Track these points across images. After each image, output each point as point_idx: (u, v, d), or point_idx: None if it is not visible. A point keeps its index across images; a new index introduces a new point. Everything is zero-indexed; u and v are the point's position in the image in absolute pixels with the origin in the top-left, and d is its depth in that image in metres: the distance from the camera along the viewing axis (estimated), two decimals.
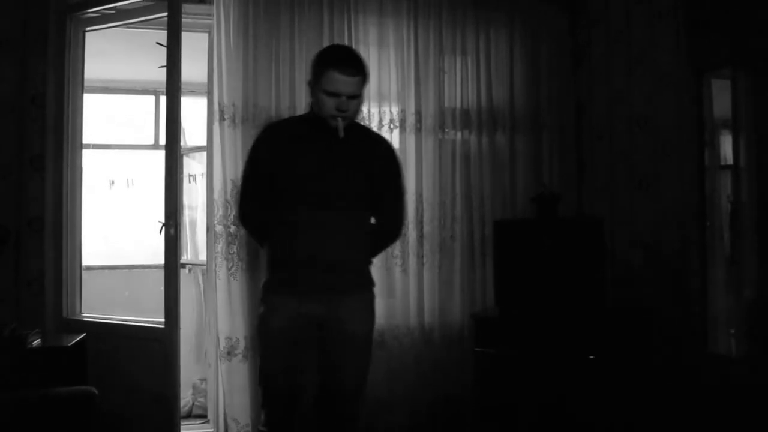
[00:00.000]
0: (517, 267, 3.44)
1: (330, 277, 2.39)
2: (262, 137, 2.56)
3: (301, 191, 2.40)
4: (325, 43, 3.54)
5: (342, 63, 2.33)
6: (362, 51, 3.59)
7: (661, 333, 3.26)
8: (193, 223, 4.78)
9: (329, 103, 2.33)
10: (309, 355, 2.46)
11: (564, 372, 3.11)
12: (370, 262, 2.58)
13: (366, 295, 2.53)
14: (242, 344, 3.37)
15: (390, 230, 2.70)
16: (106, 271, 5.09)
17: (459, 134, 3.83)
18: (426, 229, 3.68)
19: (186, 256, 4.61)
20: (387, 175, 2.57)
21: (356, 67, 2.34)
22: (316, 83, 2.37)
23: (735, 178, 3.01)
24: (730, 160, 3.05)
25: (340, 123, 2.34)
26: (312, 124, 2.45)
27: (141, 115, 5.42)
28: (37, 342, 2.92)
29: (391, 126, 3.68)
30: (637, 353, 3.25)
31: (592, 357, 3.07)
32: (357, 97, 2.37)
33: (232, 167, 3.38)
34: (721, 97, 3.06)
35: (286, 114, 3.45)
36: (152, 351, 3.19)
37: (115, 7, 3.45)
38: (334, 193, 2.40)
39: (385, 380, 3.47)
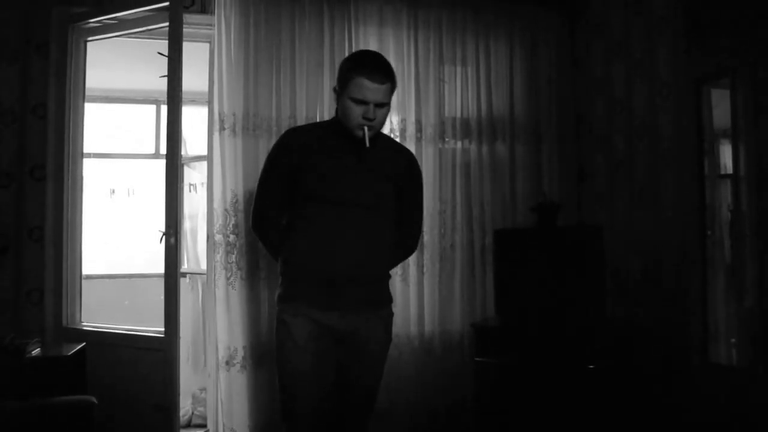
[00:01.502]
0: (517, 276, 3.44)
1: (352, 290, 2.29)
2: (285, 141, 2.42)
3: (325, 200, 2.28)
4: (326, 54, 3.57)
5: (370, 69, 2.22)
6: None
7: (661, 342, 3.26)
8: (193, 232, 4.78)
9: (356, 111, 2.23)
10: (328, 368, 2.34)
11: (564, 382, 3.11)
12: (389, 277, 2.47)
13: (386, 311, 2.44)
14: (241, 354, 3.37)
15: (409, 244, 2.63)
16: (106, 279, 5.09)
17: (459, 143, 3.84)
18: (426, 238, 3.68)
19: (186, 265, 4.61)
20: (410, 187, 2.49)
21: (385, 74, 2.25)
22: (342, 90, 2.27)
23: (735, 187, 3.02)
24: (730, 170, 3.05)
25: (367, 132, 2.24)
26: (338, 131, 2.34)
27: (142, 125, 5.44)
28: (36, 351, 2.91)
29: (392, 135, 3.69)
30: (637, 363, 3.25)
31: (591, 366, 3.06)
32: (385, 106, 2.27)
33: (232, 177, 3.39)
34: (720, 107, 3.07)
35: (286, 124, 3.46)
36: (152, 360, 3.18)
37: (117, 17, 3.46)
38: (360, 204, 2.29)
39: (386, 389, 3.45)
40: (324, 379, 2.31)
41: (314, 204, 2.29)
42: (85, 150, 3.57)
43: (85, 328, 3.44)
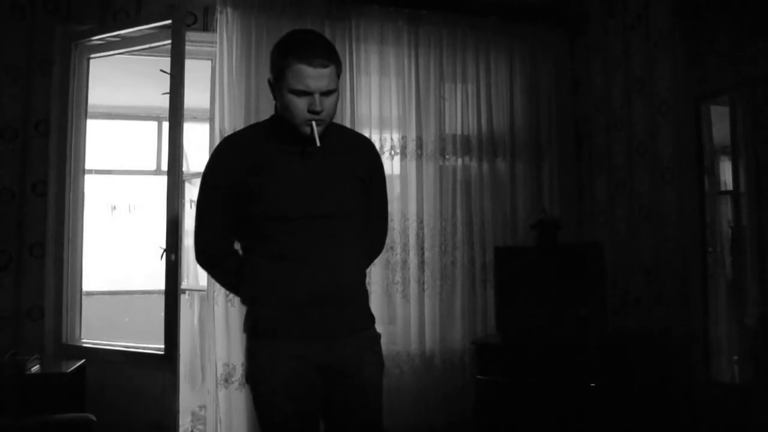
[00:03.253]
0: (518, 293, 3.44)
1: (329, 314, 1.94)
2: (220, 154, 2.04)
3: (278, 216, 1.92)
4: None
5: (308, 52, 1.84)
6: (363, 79, 3.66)
7: (662, 360, 3.24)
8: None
9: (299, 105, 1.87)
10: (313, 408, 2.00)
11: (566, 399, 3.09)
12: (367, 294, 2.12)
13: (370, 333, 2.08)
14: (239, 371, 3.35)
15: (378, 242, 2.29)
16: (107, 296, 5.08)
17: (459, 160, 3.85)
18: (427, 255, 3.68)
19: (186, 282, 4.60)
20: (373, 180, 2.13)
21: (326, 55, 1.87)
22: (278, 82, 1.90)
23: (735, 204, 3.02)
24: (730, 186, 3.05)
25: (316, 129, 1.88)
26: (280, 132, 1.98)
27: (143, 141, 5.46)
28: (36, 368, 2.90)
29: (392, 152, 3.71)
30: (639, 381, 3.23)
31: (593, 384, 3.05)
32: (332, 93, 1.90)
33: None
34: (720, 124, 3.08)
35: None
36: (152, 378, 3.17)
37: (120, 34, 3.49)
38: (321, 214, 1.94)
39: (386, 407, 3.41)
40: (310, 424, 1.98)
41: (269, 222, 1.93)
42: (87, 166, 3.59)
43: (84, 345, 3.43)
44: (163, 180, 3.31)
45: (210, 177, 2.04)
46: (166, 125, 3.51)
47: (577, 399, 3.07)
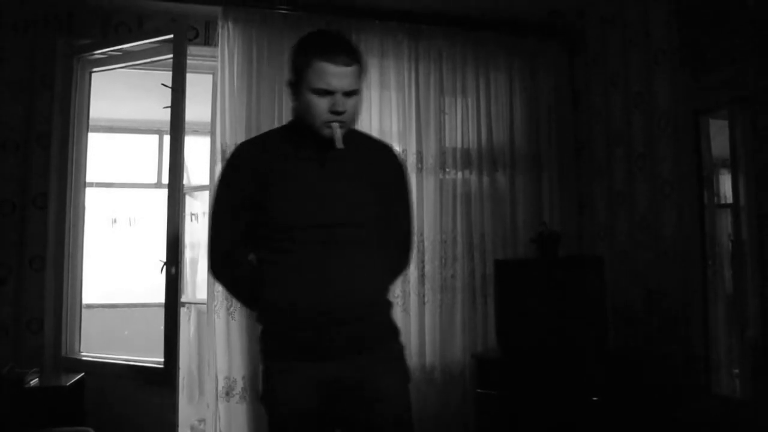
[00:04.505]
0: (519, 307, 3.43)
1: (348, 330, 1.83)
2: (234, 161, 1.97)
3: (295, 225, 1.83)
4: None
5: (331, 50, 1.79)
6: (364, 92, 3.59)
7: (664, 374, 3.23)
8: (193, 262, 4.78)
9: (320, 106, 1.80)
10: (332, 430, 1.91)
11: (567, 414, 3.08)
12: (390, 305, 2.01)
13: (393, 348, 1.97)
14: (240, 384, 3.34)
15: (401, 259, 2.18)
16: (107, 309, 5.08)
17: (460, 174, 3.86)
18: (427, 268, 3.68)
19: (185, 295, 4.60)
20: (394, 190, 2.04)
21: (350, 54, 1.82)
22: (299, 82, 1.83)
23: (735, 217, 3.02)
24: (729, 199, 3.06)
25: (338, 130, 1.81)
26: (300, 135, 1.90)
27: (144, 154, 5.48)
28: (35, 381, 2.90)
29: None
30: (641, 395, 3.22)
31: (595, 399, 3.03)
32: (355, 94, 1.85)
33: None
34: (719, 138, 3.09)
35: None
36: (151, 391, 3.16)
37: (122, 48, 3.51)
38: (339, 223, 1.84)
39: None
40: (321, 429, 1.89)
41: (282, 232, 1.85)
42: (88, 179, 3.60)
43: (84, 358, 3.42)
44: (163, 193, 3.31)
45: (223, 185, 1.98)
46: (167, 138, 3.52)
47: (579, 413, 3.05)
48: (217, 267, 2.02)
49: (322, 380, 1.83)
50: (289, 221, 1.84)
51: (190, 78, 3.30)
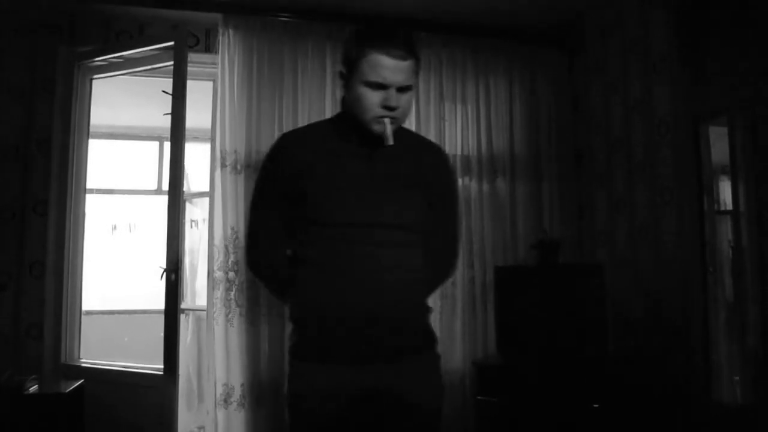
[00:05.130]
0: (519, 313, 3.43)
1: (380, 335, 1.74)
2: (279, 151, 1.90)
3: (337, 222, 1.77)
4: (328, 92, 3.61)
5: (389, 42, 1.72)
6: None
7: (664, 381, 3.23)
8: (193, 268, 4.78)
9: (372, 99, 1.72)
10: None
11: (567, 421, 3.07)
12: (429, 310, 1.92)
13: (430, 356, 1.89)
14: (239, 392, 3.33)
15: (445, 265, 2.10)
16: (106, 315, 5.07)
17: (460, 180, 3.86)
18: None
19: (185, 301, 4.60)
20: (441, 192, 1.97)
21: (407, 48, 1.74)
22: (351, 73, 1.76)
23: (735, 224, 3.02)
24: (729, 206, 3.06)
25: (389, 126, 1.74)
26: (347, 129, 1.83)
27: (144, 161, 5.49)
28: (34, 388, 2.89)
29: None
30: (642, 402, 3.21)
31: (595, 406, 3.03)
32: (409, 90, 1.77)
33: (233, 214, 3.40)
34: (719, 144, 3.09)
35: None
36: (151, 398, 3.15)
37: (123, 55, 3.52)
38: (382, 224, 1.77)
39: None
40: None
41: (323, 229, 1.78)
42: (88, 185, 3.60)
43: (83, 364, 3.42)
44: (163, 199, 3.31)
45: (264, 175, 1.92)
46: (167, 145, 3.53)
47: (579, 420, 3.04)
48: (253, 260, 1.97)
49: (352, 386, 1.75)
50: (331, 218, 1.77)
51: (191, 85, 3.31)
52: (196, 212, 4.78)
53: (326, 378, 1.75)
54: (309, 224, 1.80)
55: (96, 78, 3.62)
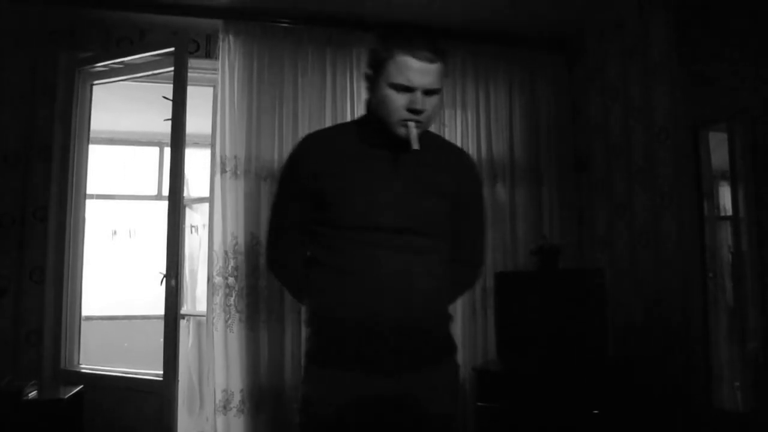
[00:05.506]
0: (519, 319, 3.42)
1: (401, 342, 1.70)
2: (300, 152, 1.87)
3: (359, 225, 1.73)
4: (328, 99, 3.62)
5: (417, 44, 1.68)
6: (364, 105, 3.67)
7: (664, 387, 3.22)
8: (193, 273, 4.78)
9: (398, 102, 1.69)
10: None
11: (567, 427, 3.06)
12: (450, 318, 1.90)
13: (450, 366, 1.87)
14: (238, 398, 3.33)
15: (469, 273, 2.07)
16: (106, 321, 5.07)
17: None
18: None
19: (185, 307, 4.60)
20: (466, 199, 1.92)
21: (434, 50, 1.70)
22: (377, 75, 1.73)
23: (735, 229, 3.02)
24: (729, 211, 3.06)
25: (414, 130, 1.70)
26: (371, 132, 1.80)
27: (144, 166, 5.49)
28: (33, 394, 2.88)
29: None
30: (642, 407, 3.20)
31: (596, 411, 3.02)
32: (436, 93, 1.73)
33: (232, 219, 3.40)
34: (719, 150, 3.09)
35: None
36: (150, 404, 3.15)
37: (123, 61, 3.53)
38: (405, 229, 1.74)
39: None
40: None
41: (343, 232, 1.75)
42: (88, 191, 3.60)
43: (82, 370, 3.41)
44: (163, 205, 3.32)
45: (286, 175, 1.90)
46: (167, 151, 3.54)
47: (579, 426, 3.04)
48: (272, 259, 1.96)
49: (368, 394, 1.71)
50: (353, 221, 1.74)
51: (191, 90, 3.32)
52: (196, 218, 4.78)
53: (343, 384, 1.71)
54: (330, 226, 1.77)
55: (96, 84, 3.63)
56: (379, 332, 1.68)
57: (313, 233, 1.82)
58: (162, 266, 3.21)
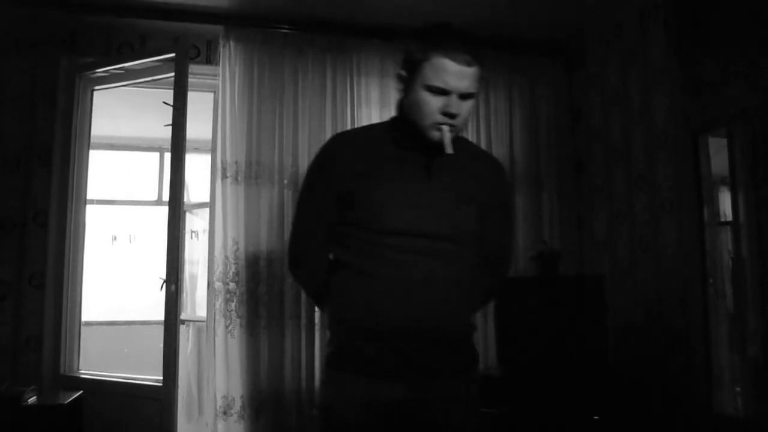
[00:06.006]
0: (519, 325, 3.42)
1: (424, 351, 1.66)
2: (329, 152, 1.81)
3: (387, 229, 1.68)
4: (328, 104, 3.63)
5: (454, 46, 1.63)
6: (365, 111, 3.70)
7: (665, 393, 3.21)
8: (193, 279, 4.78)
9: (432, 105, 1.64)
10: None
11: None
12: (475, 328, 1.84)
13: (473, 376, 1.81)
14: (239, 403, 3.32)
15: (495, 282, 2.01)
16: (105, 326, 5.06)
17: None
18: None
19: (185, 312, 4.60)
20: (496, 206, 1.87)
21: (473, 53, 1.64)
22: (412, 77, 1.67)
23: (735, 234, 3.02)
24: (729, 217, 3.06)
25: (448, 134, 1.65)
26: (403, 135, 1.75)
27: (145, 172, 5.50)
28: (33, 399, 2.88)
29: None
30: (642, 413, 3.20)
31: (596, 417, 3.01)
32: (471, 97, 1.68)
33: (233, 224, 3.40)
34: (718, 155, 3.10)
35: (288, 173, 3.51)
36: (150, 409, 3.14)
37: (124, 67, 3.54)
38: (433, 235, 1.69)
39: None
40: None
41: (371, 235, 1.70)
42: (88, 196, 3.61)
43: (82, 375, 3.41)
44: (164, 210, 3.32)
45: (313, 176, 1.83)
46: (167, 156, 3.54)
47: None
48: (295, 260, 1.89)
49: (389, 402, 1.66)
50: (381, 224, 1.68)
51: (192, 96, 3.33)
52: (196, 223, 4.78)
53: (365, 391, 1.67)
54: (358, 229, 1.71)
55: (97, 89, 3.64)
56: (403, 339, 1.64)
57: (339, 235, 1.77)
58: (162, 271, 3.22)
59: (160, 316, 3.20)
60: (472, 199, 1.76)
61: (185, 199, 3.91)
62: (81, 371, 3.45)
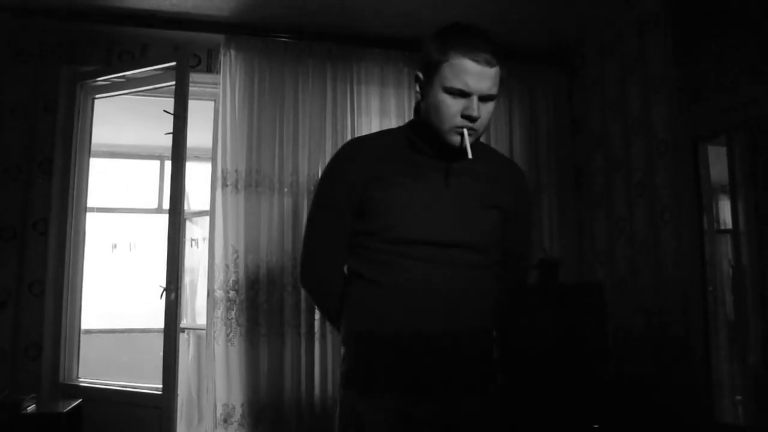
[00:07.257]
0: (520, 333, 3.41)
1: (442, 364, 1.59)
2: (342, 159, 1.73)
3: (407, 238, 1.60)
4: (329, 113, 3.63)
5: (475, 46, 1.55)
6: (365, 120, 3.70)
7: (665, 401, 3.21)
8: (193, 286, 4.77)
9: (452, 108, 1.57)
10: None
11: None
12: (494, 341, 1.76)
13: (494, 390, 1.71)
14: (239, 412, 3.31)
15: (517, 290, 1.93)
16: (105, 334, 5.06)
17: None
18: None
19: (185, 320, 4.59)
20: (517, 214, 1.78)
21: (493, 53, 1.57)
22: (430, 78, 1.60)
23: (735, 242, 3.03)
24: (729, 225, 3.06)
25: (467, 138, 1.58)
26: (420, 139, 1.67)
27: (145, 180, 5.51)
28: (32, 407, 2.88)
29: None
30: (642, 422, 3.19)
31: (596, 426, 3.01)
32: (491, 100, 1.61)
33: (233, 232, 3.41)
34: (718, 164, 3.10)
35: (288, 181, 3.51)
36: (149, 417, 3.13)
37: (125, 75, 3.55)
38: (455, 244, 1.62)
39: None
40: None
41: (388, 245, 1.61)
42: (89, 204, 3.61)
43: (81, 384, 3.40)
44: (164, 218, 3.32)
45: (327, 183, 1.74)
46: (168, 164, 3.55)
47: None
48: (307, 275, 1.79)
49: (409, 418, 1.59)
50: (399, 233, 1.61)
51: (192, 104, 3.34)
52: (196, 231, 4.78)
53: (381, 407, 1.59)
54: (375, 239, 1.63)
55: (98, 97, 3.65)
56: (420, 353, 1.57)
57: (355, 246, 1.69)
58: (162, 279, 3.22)
59: (160, 324, 3.20)
60: (492, 206, 1.68)
61: (185, 207, 3.92)
62: (80, 379, 3.45)
